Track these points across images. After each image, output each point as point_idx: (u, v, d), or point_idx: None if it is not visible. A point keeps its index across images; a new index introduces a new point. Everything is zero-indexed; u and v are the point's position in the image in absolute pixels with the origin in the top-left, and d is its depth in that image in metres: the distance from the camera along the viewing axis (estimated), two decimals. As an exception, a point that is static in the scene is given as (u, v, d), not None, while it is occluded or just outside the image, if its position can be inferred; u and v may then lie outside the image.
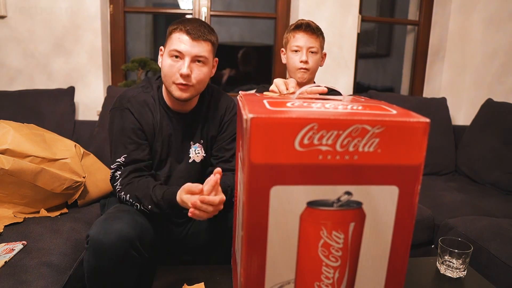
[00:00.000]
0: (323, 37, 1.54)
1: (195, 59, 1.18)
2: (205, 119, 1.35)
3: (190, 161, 1.33)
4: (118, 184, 1.20)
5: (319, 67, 1.57)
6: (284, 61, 1.62)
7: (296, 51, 1.51)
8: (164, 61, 1.19)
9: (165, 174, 1.30)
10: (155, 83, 1.32)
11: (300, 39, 1.49)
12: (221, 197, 1.02)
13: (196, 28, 1.17)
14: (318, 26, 1.52)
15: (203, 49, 1.18)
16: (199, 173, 1.37)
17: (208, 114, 1.36)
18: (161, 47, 1.25)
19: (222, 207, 1.03)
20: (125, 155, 1.21)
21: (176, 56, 1.17)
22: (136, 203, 1.17)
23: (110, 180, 1.24)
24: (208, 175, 1.41)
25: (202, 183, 1.37)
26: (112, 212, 1.14)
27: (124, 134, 1.22)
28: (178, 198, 1.09)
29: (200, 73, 1.20)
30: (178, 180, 1.32)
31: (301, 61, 1.49)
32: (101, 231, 1.03)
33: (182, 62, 1.17)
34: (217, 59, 1.30)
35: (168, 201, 1.12)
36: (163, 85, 1.27)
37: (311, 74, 1.54)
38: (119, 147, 1.22)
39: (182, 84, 1.18)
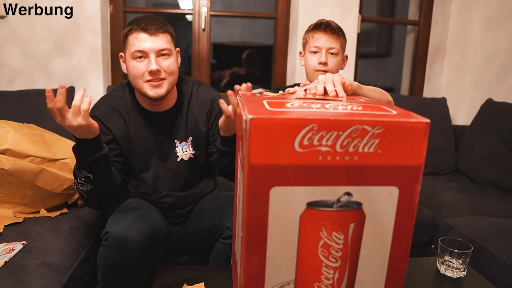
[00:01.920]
0: (345, 38, 1.45)
1: (159, 53, 1.17)
2: (190, 115, 1.33)
3: (178, 160, 1.32)
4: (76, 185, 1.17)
5: (340, 70, 1.47)
6: (302, 63, 1.52)
7: (315, 52, 1.42)
8: (129, 65, 1.18)
9: (152, 176, 1.29)
10: (126, 86, 1.31)
11: (319, 40, 1.40)
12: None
13: (150, 23, 1.16)
14: (339, 26, 1.43)
15: (163, 41, 1.18)
16: (189, 171, 1.35)
17: (193, 109, 1.34)
18: (121, 54, 1.24)
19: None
20: None
21: (140, 57, 1.16)
22: (77, 178, 1.12)
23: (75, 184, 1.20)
24: (215, 164, 1.39)
25: (192, 181, 1.38)
26: (126, 211, 1.14)
27: None
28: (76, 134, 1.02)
29: (169, 64, 1.19)
30: (167, 180, 1.31)
31: (320, 63, 1.40)
32: (123, 228, 1.04)
33: (148, 59, 1.16)
34: (179, 48, 1.29)
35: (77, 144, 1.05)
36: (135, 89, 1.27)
37: None
38: None
39: (153, 80, 1.17)
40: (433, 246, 1.76)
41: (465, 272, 1.08)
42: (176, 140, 1.31)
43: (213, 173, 1.46)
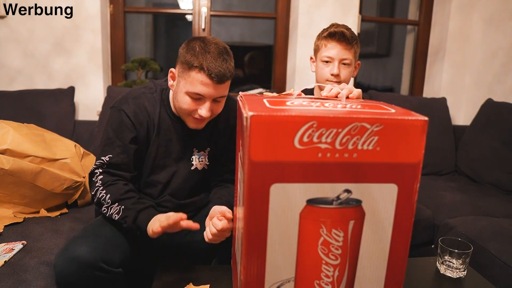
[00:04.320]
0: (358, 45, 1.39)
1: (216, 99, 1.14)
2: (214, 126, 1.30)
3: (192, 168, 1.29)
4: (99, 181, 1.17)
5: (352, 78, 1.43)
6: (312, 69, 1.46)
7: (327, 61, 1.37)
8: (182, 97, 1.12)
9: (164, 179, 1.27)
10: (160, 85, 1.27)
11: (332, 50, 1.35)
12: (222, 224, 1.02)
13: (219, 67, 1.07)
14: (353, 34, 1.36)
15: (225, 88, 1.14)
16: (200, 181, 1.34)
17: (218, 121, 1.30)
18: (173, 70, 1.17)
19: (228, 234, 1.05)
20: (111, 156, 1.18)
21: (197, 98, 1.12)
22: (112, 205, 1.14)
23: (90, 174, 1.21)
24: (214, 186, 1.36)
25: (199, 189, 1.36)
26: (76, 236, 1.12)
27: (115, 135, 1.20)
28: (149, 227, 1.07)
29: (218, 109, 1.17)
30: (178, 186, 1.29)
31: (332, 74, 1.35)
32: (62, 262, 1.02)
33: (203, 103, 1.12)
34: None
35: (141, 221, 1.10)
36: (172, 93, 1.23)
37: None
38: (108, 146, 1.20)
39: (199, 120, 1.15)
40: (433, 246, 1.76)
41: (465, 272, 1.08)
42: (194, 149, 1.29)
43: None
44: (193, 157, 1.30)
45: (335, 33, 1.34)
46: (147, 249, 1.21)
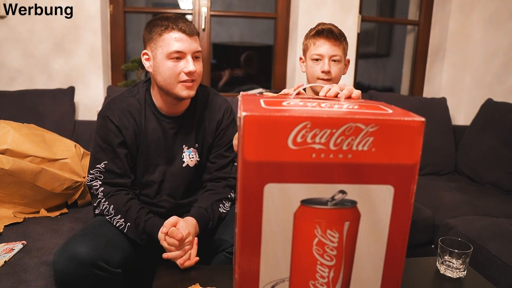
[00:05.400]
0: (347, 42, 1.40)
1: (194, 55, 1.17)
2: (200, 122, 1.32)
3: (183, 165, 1.30)
4: (101, 193, 1.20)
5: (342, 75, 1.43)
6: (303, 69, 1.46)
7: (316, 59, 1.36)
8: (163, 65, 1.16)
9: (157, 179, 1.28)
10: (142, 86, 1.29)
11: (321, 47, 1.35)
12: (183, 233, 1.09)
13: (185, 24, 1.16)
14: (341, 31, 1.37)
15: (198, 43, 1.19)
16: (193, 178, 1.35)
17: (204, 117, 1.33)
18: (146, 52, 1.21)
19: (190, 239, 1.12)
20: (106, 162, 1.21)
21: (177, 57, 1.15)
22: (115, 216, 1.17)
23: (88, 183, 1.23)
24: (204, 184, 1.38)
25: (195, 188, 1.37)
26: (76, 235, 1.12)
27: (104, 142, 1.21)
28: (160, 235, 1.12)
29: (200, 68, 1.21)
30: (170, 185, 1.30)
31: (323, 71, 1.34)
32: (62, 259, 1.02)
33: (185, 60, 1.16)
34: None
35: (150, 229, 1.15)
36: (154, 89, 1.25)
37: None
38: (99, 154, 1.22)
39: (187, 81, 1.17)
40: (433, 246, 1.76)
41: (465, 272, 1.08)
42: (184, 146, 1.30)
43: None
44: (184, 154, 1.31)
45: (323, 30, 1.35)
46: (147, 249, 1.21)
